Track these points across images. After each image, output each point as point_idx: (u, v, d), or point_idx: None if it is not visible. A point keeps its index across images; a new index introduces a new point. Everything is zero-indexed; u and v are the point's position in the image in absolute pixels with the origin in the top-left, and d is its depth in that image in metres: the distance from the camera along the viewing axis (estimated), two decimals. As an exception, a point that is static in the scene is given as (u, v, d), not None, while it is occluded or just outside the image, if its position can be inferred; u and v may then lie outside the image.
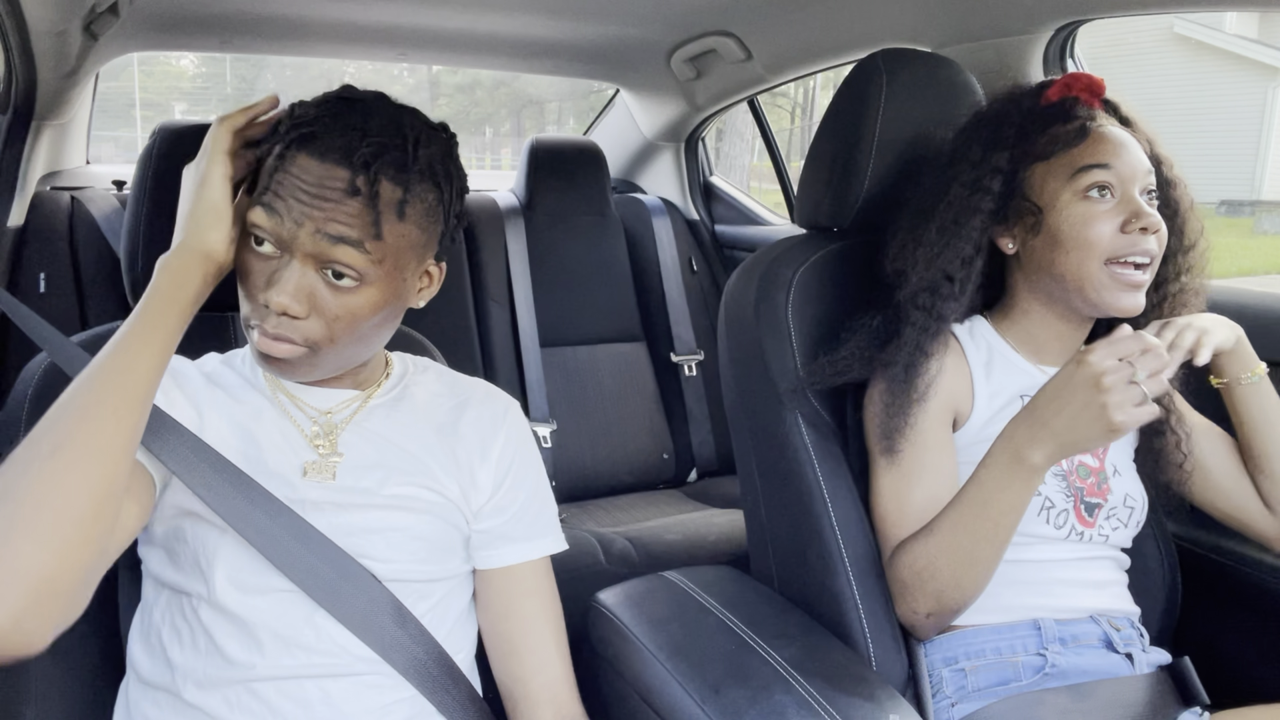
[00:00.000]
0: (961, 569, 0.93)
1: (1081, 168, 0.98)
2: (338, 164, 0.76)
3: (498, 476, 0.91)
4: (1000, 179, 1.02)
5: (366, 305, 0.79)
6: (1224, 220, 11.22)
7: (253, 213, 0.77)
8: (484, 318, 2.22)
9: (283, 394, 0.87)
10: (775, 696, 0.87)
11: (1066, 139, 1.00)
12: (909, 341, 1.01)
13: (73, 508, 0.65)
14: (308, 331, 0.78)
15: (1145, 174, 0.99)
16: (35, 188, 1.95)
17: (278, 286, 0.76)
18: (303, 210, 0.75)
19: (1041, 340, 1.07)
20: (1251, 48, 11.96)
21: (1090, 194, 0.98)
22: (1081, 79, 1.04)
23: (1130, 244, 0.97)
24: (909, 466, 1.00)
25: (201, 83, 19.34)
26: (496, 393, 0.97)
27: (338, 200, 0.75)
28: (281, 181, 0.76)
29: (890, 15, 1.58)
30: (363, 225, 0.76)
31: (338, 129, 0.77)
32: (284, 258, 0.77)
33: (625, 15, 1.85)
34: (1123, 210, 0.97)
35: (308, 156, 0.76)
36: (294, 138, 0.77)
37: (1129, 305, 0.99)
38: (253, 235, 0.78)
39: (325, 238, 0.75)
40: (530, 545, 0.92)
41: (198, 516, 0.80)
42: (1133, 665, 1.00)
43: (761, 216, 2.55)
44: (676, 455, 2.32)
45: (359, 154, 0.75)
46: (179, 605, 0.82)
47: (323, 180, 0.75)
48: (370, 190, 0.76)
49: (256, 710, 0.79)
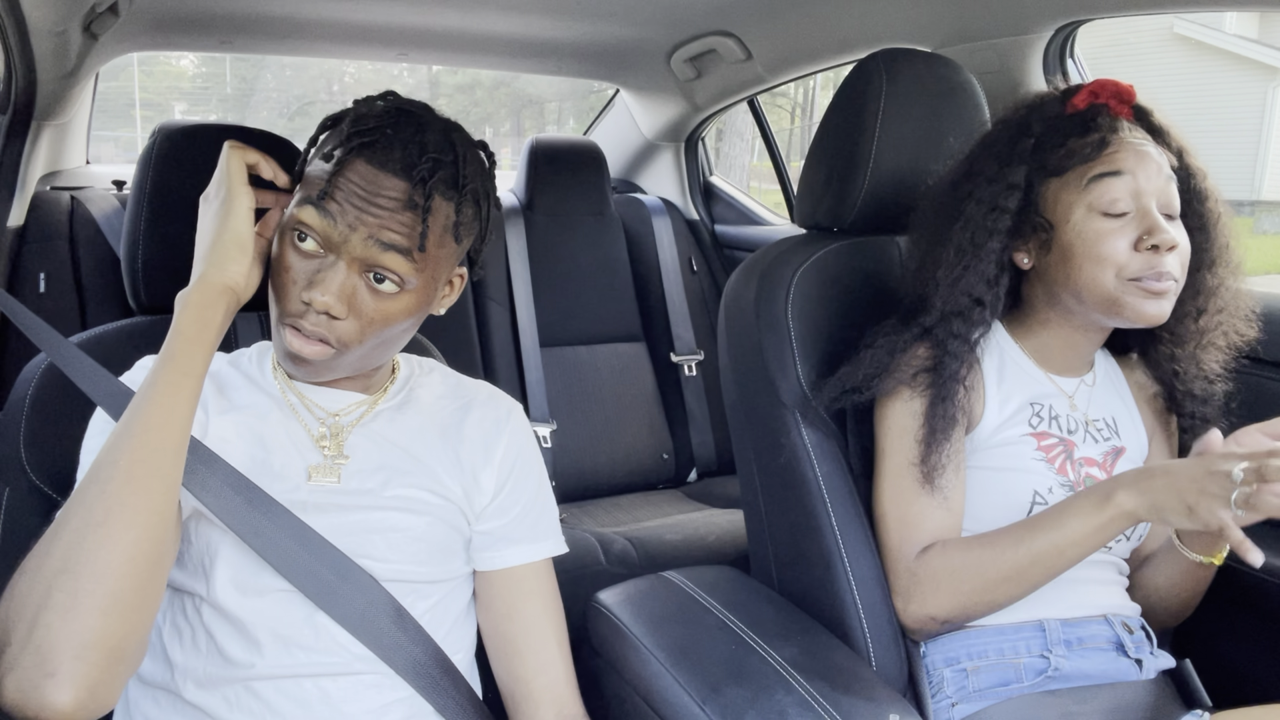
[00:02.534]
0: (1008, 584, 0.93)
1: (1095, 176, 0.96)
2: (397, 175, 0.78)
3: (500, 478, 0.91)
4: (1017, 195, 0.99)
5: (401, 310, 0.81)
6: (1224, 220, 11.21)
7: (303, 211, 0.78)
8: (484, 318, 2.22)
9: (293, 394, 0.88)
10: (775, 696, 0.87)
11: (1082, 153, 0.97)
12: (949, 372, 0.99)
13: (132, 573, 0.67)
14: (342, 332, 0.79)
15: (1165, 187, 0.96)
16: (35, 188, 1.95)
17: (322, 286, 0.77)
18: (358, 215, 0.77)
19: (1055, 350, 1.05)
20: (1251, 48, 11.95)
21: (1104, 209, 0.95)
22: (1109, 86, 1.00)
23: (1146, 264, 0.94)
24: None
25: (201, 83, 19.33)
26: (500, 395, 0.97)
27: (393, 210, 0.77)
28: (339, 185, 0.78)
29: (890, 15, 1.58)
30: (413, 236, 0.78)
31: (398, 141, 0.78)
32: (328, 258, 0.79)
33: (625, 15, 1.85)
34: (1137, 227, 0.94)
35: (367, 164, 0.78)
36: (355, 145, 0.78)
37: (1154, 314, 0.95)
38: (296, 233, 0.79)
39: (377, 244, 0.77)
40: (532, 547, 0.92)
41: (202, 516, 0.80)
42: (1141, 671, 0.99)
43: (761, 216, 2.55)
44: (676, 455, 2.32)
45: (418, 169, 0.78)
46: (180, 605, 0.82)
47: (382, 189, 0.77)
48: (425, 204, 0.78)
49: (255, 709, 0.79)
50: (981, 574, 0.94)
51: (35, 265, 1.85)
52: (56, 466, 0.85)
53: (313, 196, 0.78)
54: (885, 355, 1.02)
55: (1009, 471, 1.00)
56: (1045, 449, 1.02)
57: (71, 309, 1.87)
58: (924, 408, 0.99)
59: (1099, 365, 1.10)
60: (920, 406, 1.00)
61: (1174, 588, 1.04)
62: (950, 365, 0.99)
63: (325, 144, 0.82)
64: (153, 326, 1.02)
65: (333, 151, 0.79)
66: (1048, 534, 0.91)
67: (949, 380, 0.99)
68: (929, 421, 0.99)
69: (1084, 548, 0.90)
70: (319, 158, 0.81)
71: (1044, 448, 1.02)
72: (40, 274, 1.85)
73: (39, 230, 1.87)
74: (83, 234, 1.91)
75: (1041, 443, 1.02)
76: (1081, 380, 1.07)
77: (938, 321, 1.01)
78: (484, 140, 0.88)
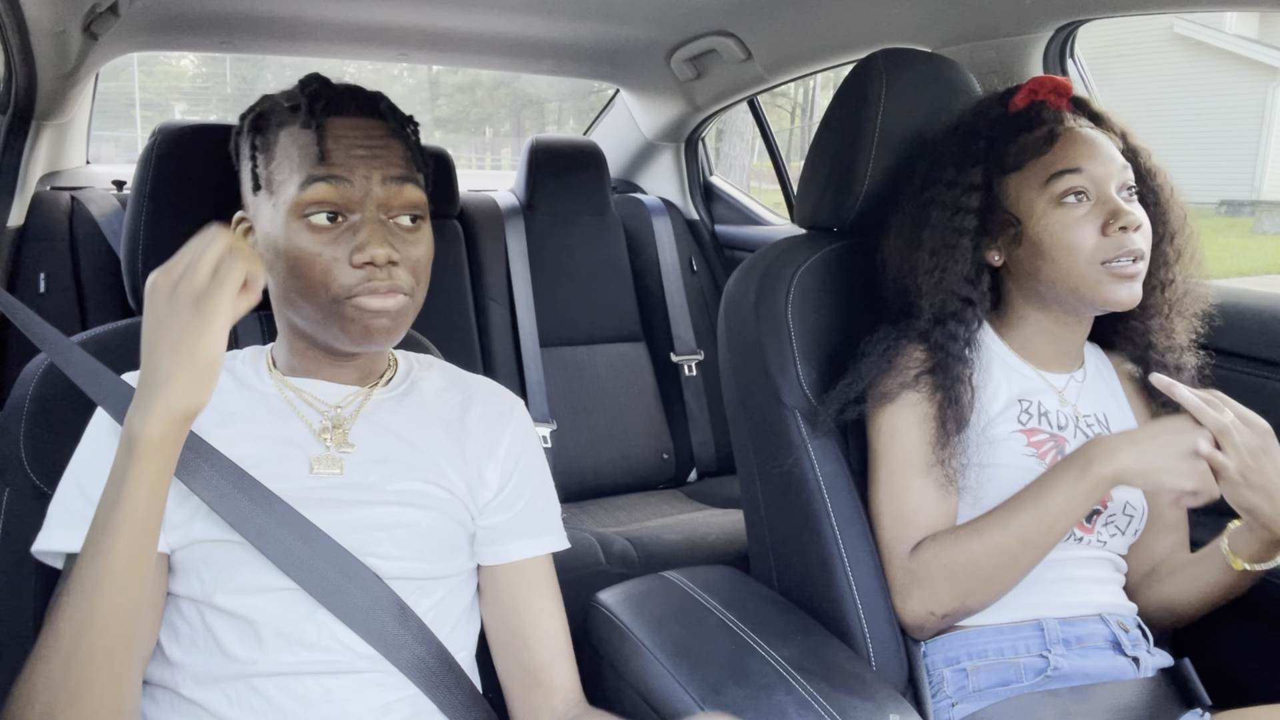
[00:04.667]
0: (1001, 569, 0.94)
1: (1054, 174, 0.99)
2: (370, 115, 0.82)
3: (505, 473, 0.91)
4: (978, 195, 1.03)
5: (428, 246, 0.85)
6: (1224, 220, 11.21)
7: (311, 191, 0.79)
8: (484, 318, 2.22)
9: (290, 391, 0.88)
10: (775, 696, 0.87)
11: (1035, 147, 1.00)
12: (954, 374, 1.01)
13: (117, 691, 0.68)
14: (402, 279, 0.81)
15: (1120, 171, 0.99)
16: (35, 188, 1.95)
17: (375, 241, 0.79)
18: (365, 164, 0.80)
19: (1039, 345, 1.07)
20: (1251, 48, 11.96)
21: (1066, 200, 0.98)
22: (1047, 82, 1.03)
23: (1116, 245, 0.96)
24: (926, 467, 1.00)
25: (201, 83, 19.33)
26: (502, 390, 0.97)
27: (388, 145, 0.82)
28: (330, 149, 0.80)
29: (890, 15, 1.58)
30: (411, 164, 0.84)
31: (346, 92, 0.83)
32: (351, 219, 0.80)
33: (625, 15, 1.85)
34: (1101, 212, 0.97)
35: (343, 118, 0.81)
36: (320, 107, 0.80)
37: (1126, 297, 0.98)
38: (307, 219, 0.79)
39: (393, 181, 0.81)
40: (537, 541, 0.92)
41: (202, 542, 0.80)
42: (1138, 669, 0.99)
43: (761, 216, 2.55)
44: (676, 455, 2.32)
45: (383, 103, 0.83)
46: (177, 607, 0.81)
47: (369, 133, 0.81)
48: (404, 130, 0.84)
49: (256, 706, 0.78)
50: (974, 562, 0.95)
51: (35, 265, 1.85)
52: (56, 466, 0.85)
53: (312, 174, 0.79)
54: (884, 362, 1.03)
55: (1000, 468, 1.01)
56: (1035, 445, 1.02)
57: (71, 309, 1.87)
58: (935, 410, 1.00)
59: (1090, 361, 1.12)
60: (929, 410, 1.01)
61: (1203, 598, 1.03)
62: (954, 367, 1.01)
63: (274, 132, 0.83)
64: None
65: (304, 127, 0.80)
66: (1032, 511, 0.94)
67: (955, 382, 1.00)
68: (942, 424, 1.00)
69: (1069, 520, 0.93)
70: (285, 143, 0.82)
71: (1034, 444, 1.02)
72: (40, 274, 1.85)
73: (39, 230, 1.88)
74: (83, 234, 1.91)
75: (1031, 439, 1.03)
76: (1071, 376, 1.08)
77: (932, 326, 1.03)
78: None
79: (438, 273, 0.88)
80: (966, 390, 1.01)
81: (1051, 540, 0.94)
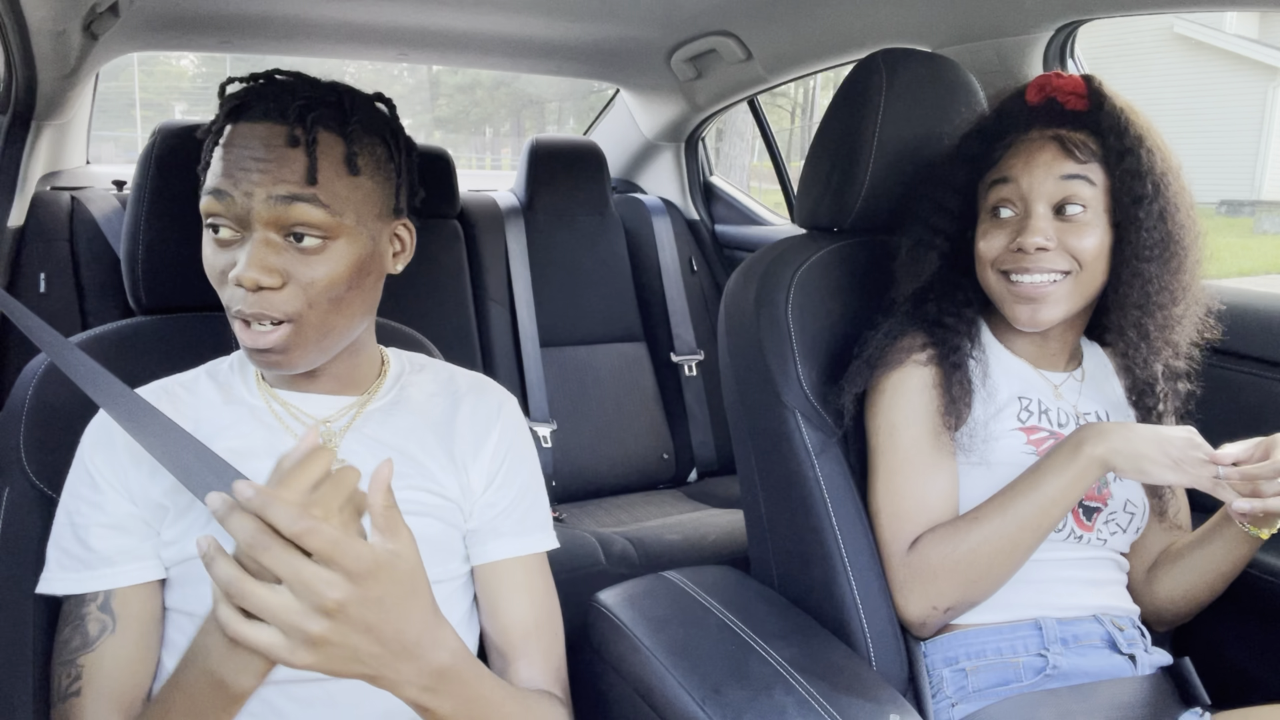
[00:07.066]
0: (1002, 557, 0.95)
1: (992, 183, 1.01)
2: (275, 121, 0.75)
3: (490, 471, 0.90)
4: (957, 199, 1.05)
5: (339, 266, 0.78)
6: (1224, 220, 11.22)
7: (204, 203, 0.76)
8: (484, 318, 2.22)
9: (278, 405, 0.86)
10: (775, 696, 0.87)
11: (992, 156, 1.02)
12: (953, 344, 1.03)
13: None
14: (285, 305, 0.76)
15: (1056, 185, 0.96)
16: (35, 188, 1.95)
17: (241, 263, 0.74)
18: (250, 179, 0.74)
19: (1029, 344, 1.08)
20: (1251, 48, 11.96)
21: (996, 209, 1.00)
22: (1053, 80, 1.01)
23: (1012, 260, 0.98)
24: (924, 464, 1.01)
25: (201, 83, 19.32)
26: (492, 387, 0.96)
27: (281, 158, 0.74)
28: (223, 158, 0.75)
29: (890, 15, 1.58)
30: (309, 178, 0.75)
31: (269, 93, 0.77)
32: (245, 235, 0.76)
33: (625, 15, 1.85)
34: (1017, 226, 0.99)
35: (244, 124, 0.76)
36: (226, 111, 0.77)
37: (1025, 319, 0.99)
38: (210, 228, 0.77)
39: (279, 200, 0.74)
40: (518, 541, 0.90)
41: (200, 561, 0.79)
42: (1135, 666, 1.00)
43: (761, 216, 2.55)
44: (676, 455, 2.32)
45: (293, 107, 0.75)
46: (175, 619, 0.81)
47: (265, 141, 0.75)
48: (308, 138, 0.75)
49: (259, 712, 0.78)
50: (974, 551, 0.95)
51: (35, 265, 1.85)
52: (56, 466, 0.85)
53: (207, 185, 0.77)
54: (889, 340, 1.05)
55: (1001, 466, 1.01)
56: (1036, 443, 1.03)
57: (71, 309, 1.87)
58: (934, 405, 1.01)
59: (1090, 359, 1.12)
60: (929, 405, 1.02)
61: (1206, 577, 1.04)
62: (953, 340, 1.03)
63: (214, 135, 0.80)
64: (153, 326, 1.02)
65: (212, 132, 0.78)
66: (1028, 496, 0.95)
67: (954, 369, 1.02)
68: (942, 419, 1.01)
69: (1064, 503, 0.94)
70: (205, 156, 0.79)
71: (1034, 441, 1.03)
72: (40, 274, 1.85)
73: (39, 230, 1.88)
74: (83, 234, 1.91)
75: (1031, 436, 1.03)
76: (1070, 374, 1.09)
77: (929, 318, 1.05)
78: (379, 93, 0.87)
79: (438, 273, 0.88)
80: (965, 383, 1.02)
81: (1048, 524, 0.95)
